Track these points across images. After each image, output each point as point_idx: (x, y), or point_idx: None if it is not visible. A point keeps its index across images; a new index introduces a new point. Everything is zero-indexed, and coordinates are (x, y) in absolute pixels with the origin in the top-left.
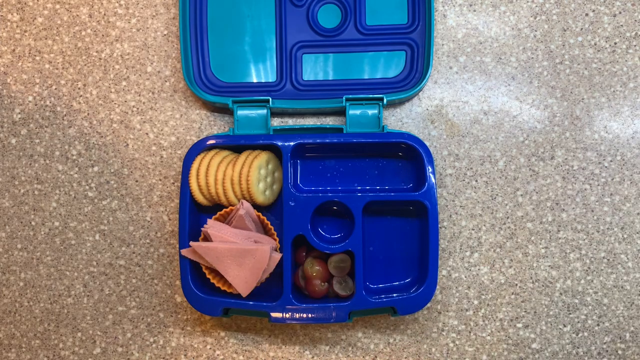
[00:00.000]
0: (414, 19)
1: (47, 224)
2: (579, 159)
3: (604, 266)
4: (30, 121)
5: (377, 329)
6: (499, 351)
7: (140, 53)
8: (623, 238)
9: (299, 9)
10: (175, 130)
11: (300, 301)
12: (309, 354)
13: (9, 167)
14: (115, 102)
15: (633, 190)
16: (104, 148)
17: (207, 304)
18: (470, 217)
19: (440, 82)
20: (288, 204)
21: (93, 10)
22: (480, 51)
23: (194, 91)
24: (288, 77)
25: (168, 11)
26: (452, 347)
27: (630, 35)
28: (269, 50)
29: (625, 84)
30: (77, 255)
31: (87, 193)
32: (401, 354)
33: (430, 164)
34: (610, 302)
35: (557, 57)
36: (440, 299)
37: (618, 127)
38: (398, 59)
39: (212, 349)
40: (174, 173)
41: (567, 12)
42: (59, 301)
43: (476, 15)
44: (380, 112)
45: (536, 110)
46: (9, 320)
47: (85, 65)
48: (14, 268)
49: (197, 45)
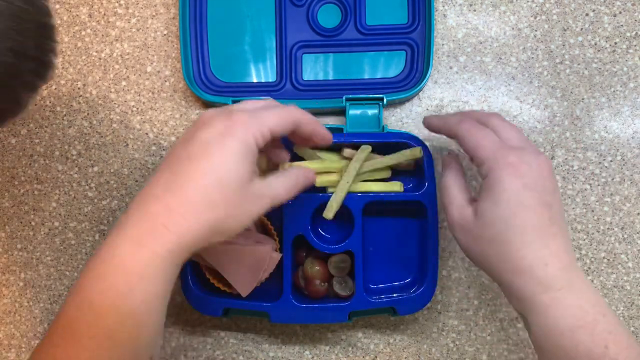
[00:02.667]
0: (414, 19)
1: (47, 224)
2: (579, 159)
3: (604, 266)
4: (30, 121)
5: (377, 329)
6: (499, 351)
7: (140, 53)
8: (623, 238)
9: (299, 9)
10: (175, 130)
11: (300, 301)
12: (309, 354)
13: (9, 167)
14: (115, 102)
15: (633, 190)
16: (104, 148)
17: (207, 304)
18: None
19: (440, 82)
20: (288, 204)
21: (93, 10)
22: (480, 51)
23: (194, 91)
24: (288, 77)
25: (168, 11)
26: (452, 347)
27: (630, 35)
28: (269, 50)
29: (625, 84)
30: (77, 255)
31: (87, 193)
32: (401, 354)
33: (430, 164)
34: (610, 302)
35: (557, 57)
36: (440, 299)
37: (618, 127)
38: (398, 59)
39: (212, 349)
40: None
41: (567, 12)
42: (59, 301)
43: (476, 15)
44: (380, 112)
45: (536, 110)
46: (9, 320)
47: (85, 65)
48: (14, 268)
49: (197, 45)
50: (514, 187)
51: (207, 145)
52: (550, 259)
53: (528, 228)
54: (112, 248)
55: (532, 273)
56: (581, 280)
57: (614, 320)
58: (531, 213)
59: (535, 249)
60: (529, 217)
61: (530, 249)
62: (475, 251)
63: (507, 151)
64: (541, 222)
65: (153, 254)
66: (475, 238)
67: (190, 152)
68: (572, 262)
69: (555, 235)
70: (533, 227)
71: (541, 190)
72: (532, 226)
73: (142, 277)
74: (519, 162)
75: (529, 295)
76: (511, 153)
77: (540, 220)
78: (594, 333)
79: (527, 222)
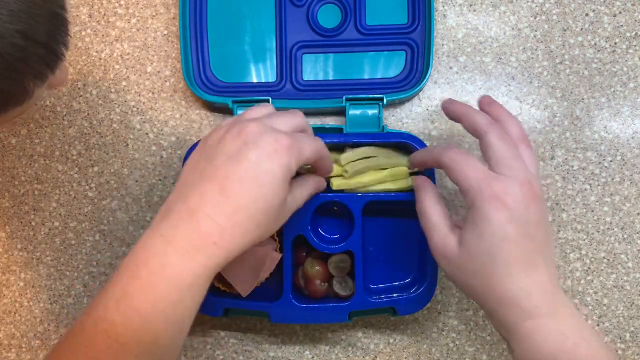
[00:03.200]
0: (414, 19)
1: (47, 224)
2: (579, 159)
3: (604, 266)
4: (30, 121)
5: (377, 329)
6: (499, 351)
7: (140, 53)
8: (623, 238)
9: (299, 9)
10: (175, 130)
11: (300, 301)
12: (309, 354)
13: (9, 167)
14: (115, 102)
15: (633, 190)
16: (104, 148)
17: (207, 304)
18: None
19: (440, 82)
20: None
21: (93, 10)
22: (480, 51)
23: (194, 91)
24: (288, 77)
25: (168, 11)
26: (452, 347)
27: (630, 35)
28: (269, 50)
29: (625, 84)
30: (77, 255)
31: (87, 193)
32: (401, 354)
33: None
34: (610, 302)
35: (557, 57)
36: (440, 299)
37: (618, 127)
38: (398, 59)
39: (212, 349)
40: (174, 173)
41: (567, 12)
42: (59, 301)
43: (476, 15)
44: (380, 112)
45: (536, 110)
46: (9, 320)
47: (85, 65)
48: (14, 268)
49: (197, 45)
50: (498, 220)
51: (257, 169)
52: (534, 289)
53: (512, 261)
54: (159, 257)
55: (516, 303)
56: (565, 305)
57: (596, 344)
58: (515, 246)
59: (519, 280)
60: (513, 250)
61: (514, 280)
62: (459, 279)
63: (491, 181)
64: (525, 254)
65: (204, 267)
66: (459, 268)
67: (240, 175)
68: (555, 289)
69: (538, 266)
70: (517, 259)
71: (525, 223)
72: (515, 259)
73: (191, 286)
74: (503, 193)
75: (512, 322)
76: (495, 183)
77: (523, 252)
78: (575, 357)
79: (511, 255)
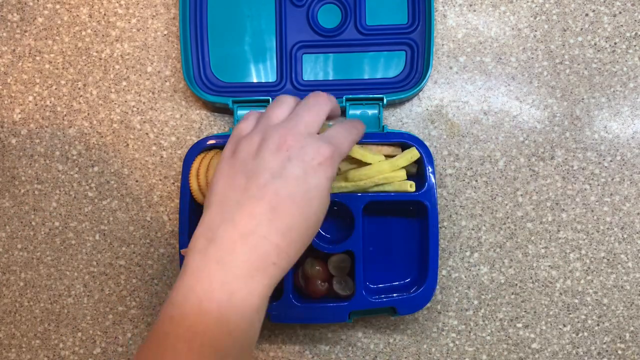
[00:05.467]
0: (414, 19)
1: (47, 224)
2: (579, 159)
3: (604, 266)
4: (30, 121)
5: (377, 329)
6: (499, 351)
7: (140, 53)
8: (623, 238)
9: (299, 9)
10: (175, 130)
11: (300, 301)
12: (309, 354)
13: (9, 167)
14: (115, 102)
15: (633, 190)
16: (104, 148)
17: None
18: (470, 217)
19: (440, 82)
20: None
21: (93, 10)
22: (480, 51)
23: (194, 91)
24: (288, 77)
25: (168, 11)
26: (452, 347)
27: (630, 35)
28: (269, 50)
29: (625, 84)
30: (77, 255)
31: (87, 193)
32: (401, 354)
33: (430, 164)
34: (610, 302)
35: (557, 57)
36: (440, 299)
37: (618, 127)
38: (398, 59)
39: None
40: (174, 173)
41: (567, 12)
42: (59, 301)
43: (476, 15)
44: (380, 112)
45: (536, 110)
46: (9, 320)
47: (85, 65)
48: (14, 268)
49: (197, 45)
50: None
51: (306, 185)
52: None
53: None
54: (223, 286)
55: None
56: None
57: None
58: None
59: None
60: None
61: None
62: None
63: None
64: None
65: (265, 287)
66: None
67: (289, 192)
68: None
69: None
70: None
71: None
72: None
73: (259, 309)
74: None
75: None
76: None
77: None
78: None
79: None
